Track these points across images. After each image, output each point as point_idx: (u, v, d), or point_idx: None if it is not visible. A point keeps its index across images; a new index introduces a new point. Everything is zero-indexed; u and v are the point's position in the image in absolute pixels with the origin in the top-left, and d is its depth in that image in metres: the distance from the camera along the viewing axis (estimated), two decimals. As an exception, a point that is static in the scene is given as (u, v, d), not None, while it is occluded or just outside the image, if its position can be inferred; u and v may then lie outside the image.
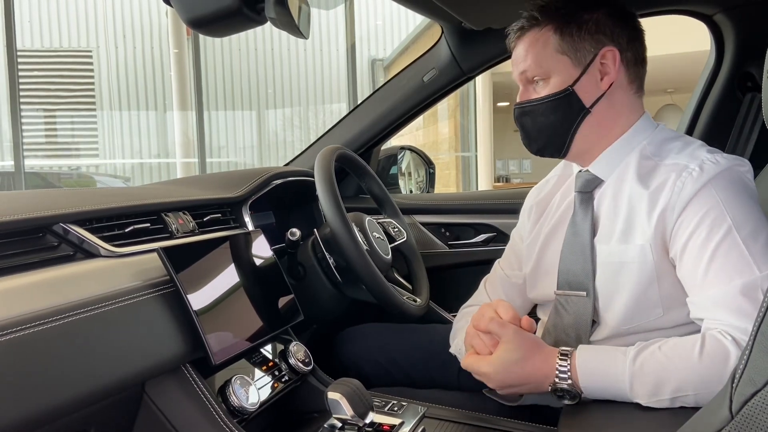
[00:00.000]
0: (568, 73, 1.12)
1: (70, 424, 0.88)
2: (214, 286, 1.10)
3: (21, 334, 0.78)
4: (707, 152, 1.06)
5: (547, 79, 1.13)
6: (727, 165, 1.02)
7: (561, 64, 1.12)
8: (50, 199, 1.03)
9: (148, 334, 0.96)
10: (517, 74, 1.17)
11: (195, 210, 1.30)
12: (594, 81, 1.12)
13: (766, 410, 0.48)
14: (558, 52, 1.12)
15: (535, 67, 1.13)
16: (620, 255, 1.08)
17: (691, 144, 1.10)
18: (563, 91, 1.12)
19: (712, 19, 1.69)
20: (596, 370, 0.98)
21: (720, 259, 0.97)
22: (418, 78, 1.85)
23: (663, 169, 1.07)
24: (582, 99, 1.12)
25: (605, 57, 1.12)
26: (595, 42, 1.11)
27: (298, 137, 10.75)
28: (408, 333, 1.52)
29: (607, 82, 1.12)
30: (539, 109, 1.14)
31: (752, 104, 1.69)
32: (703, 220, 0.99)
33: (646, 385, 0.94)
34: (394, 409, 1.17)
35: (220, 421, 0.99)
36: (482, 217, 1.90)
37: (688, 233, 1.00)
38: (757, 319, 0.51)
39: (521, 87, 1.18)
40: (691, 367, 0.92)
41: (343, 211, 1.32)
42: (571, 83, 1.12)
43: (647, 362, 0.95)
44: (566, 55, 1.12)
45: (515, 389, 1.05)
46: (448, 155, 10.92)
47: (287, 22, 0.80)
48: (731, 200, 0.99)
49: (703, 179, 1.01)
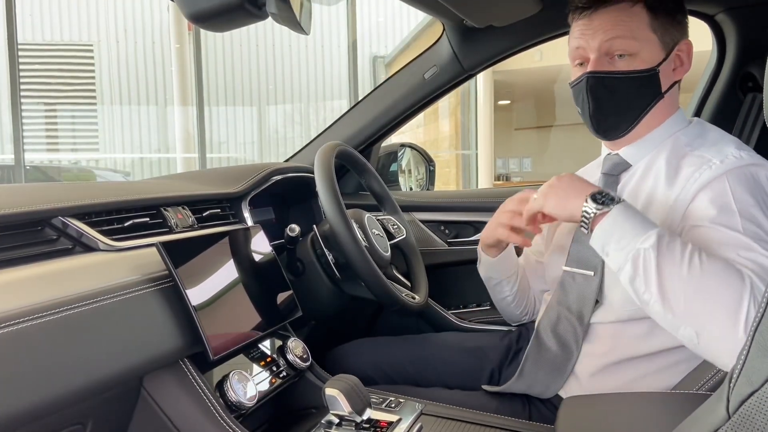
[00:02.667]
0: (656, 53, 1.11)
1: (68, 418, 0.88)
2: (213, 281, 1.10)
3: (19, 327, 0.78)
4: (736, 148, 1.06)
5: (633, 54, 1.11)
6: (750, 161, 1.03)
7: (651, 42, 1.11)
8: (50, 193, 1.03)
9: (147, 328, 0.96)
10: (597, 42, 1.12)
11: (194, 205, 1.30)
12: (670, 68, 1.14)
13: (763, 410, 0.48)
14: (651, 30, 1.11)
15: (627, 39, 1.10)
16: None
17: (723, 138, 1.11)
18: (650, 70, 1.11)
19: (713, 19, 1.69)
20: (632, 213, 0.98)
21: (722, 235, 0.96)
22: (419, 75, 1.85)
23: (689, 160, 1.08)
24: (662, 82, 1.13)
25: (681, 48, 1.14)
26: (678, 31, 1.13)
27: (298, 133, 10.74)
28: (403, 343, 1.51)
29: (680, 73, 1.15)
30: (621, 83, 1.12)
31: (753, 104, 1.69)
32: (712, 203, 1.00)
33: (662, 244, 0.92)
34: (392, 405, 1.17)
35: (217, 416, 0.99)
36: (482, 215, 1.90)
37: (696, 215, 1.01)
38: (755, 319, 0.51)
39: (594, 56, 1.13)
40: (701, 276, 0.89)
41: (342, 208, 1.32)
42: (657, 63, 1.11)
43: (672, 237, 0.94)
44: (656, 35, 1.11)
45: (559, 196, 1.05)
46: (449, 153, 10.91)
47: (288, 18, 0.80)
48: (742, 193, 0.99)
49: (720, 170, 1.02)
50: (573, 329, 1.18)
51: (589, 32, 1.13)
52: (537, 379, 1.21)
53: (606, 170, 1.20)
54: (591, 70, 1.13)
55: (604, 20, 1.12)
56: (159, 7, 9.57)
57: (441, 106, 10.64)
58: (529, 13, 1.53)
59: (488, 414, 1.20)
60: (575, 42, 1.17)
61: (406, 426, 1.10)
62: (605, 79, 1.13)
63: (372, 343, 1.54)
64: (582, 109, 1.18)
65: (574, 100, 1.20)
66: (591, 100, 1.15)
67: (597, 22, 1.13)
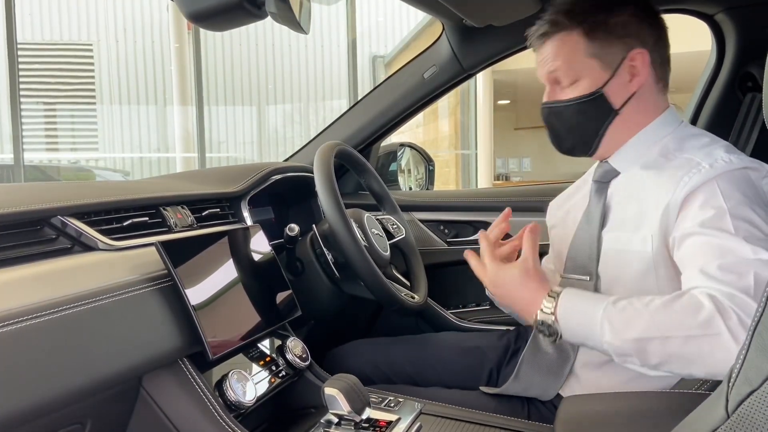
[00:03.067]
0: (598, 75, 1.13)
1: (67, 417, 0.88)
2: (212, 280, 1.10)
3: (18, 327, 0.78)
4: (725, 152, 1.06)
5: (576, 81, 1.15)
6: (740, 165, 1.03)
7: (590, 67, 1.13)
8: (49, 192, 1.03)
9: (146, 327, 0.96)
10: (544, 74, 1.19)
11: (194, 204, 1.30)
12: (623, 82, 1.14)
13: (762, 410, 0.48)
14: (587, 55, 1.13)
15: (565, 70, 1.15)
16: (625, 243, 1.09)
17: (713, 143, 1.11)
18: (592, 94, 1.14)
19: (713, 18, 1.69)
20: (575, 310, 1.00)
21: (711, 242, 0.96)
22: (419, 75, 1.85)
23: (677, 163, 1.07)
24: (611, 101, 1.14)
25: (634, 59, 1.13)
26: (623, 44, 1.13)
27: (298, 133, 10.73)
28: (401, 344, 1.51)
29: (636, 84, 1.14)
30: (568, 110, 1.16)
31: (752, 104, 1.69)
32: (702, 208, 0.99)
33: (615, 324, 0.94)
34: (391, 405, 1.17)
35: (216, 415, 0.99)
36: (481, 214, 1.90)
37: (687, 221, 1.01)
38: (754, 318, 0.51)
39: (548, 86, 1.19)
40: (662, 312, 0.92)
41: (342, 208, 1.32)
42: (600, 86, 1.13)
43: (622, 304, 0.96)
44: (595, 58, 1.13)
45: (505, 304, 1.13)
46: (448, 153, 10.90)
47: (288, 17, 0.80)
48: (733, 196, 0.99)
49: (710, 175, 1.01)
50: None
51: (539, 64, 1.20)
52: (533, 382, 1.21)
53: (597, 177, 1.21)
54: (543, 101, 1.21)
55: (547, 52, 1.17)
56: (158, 6, 9.57)
57: (440, 106, 10.63)
58: (528, 13, 1.53)
59: (487, 413, 1.20)
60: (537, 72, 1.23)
61: (405, 425, 1.10)
62: (554, 108, 1.18)
63: (371, 343, 1.54)
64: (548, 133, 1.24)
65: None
66: (548, 128, 1.22)
67: (542, 55, 1.19)
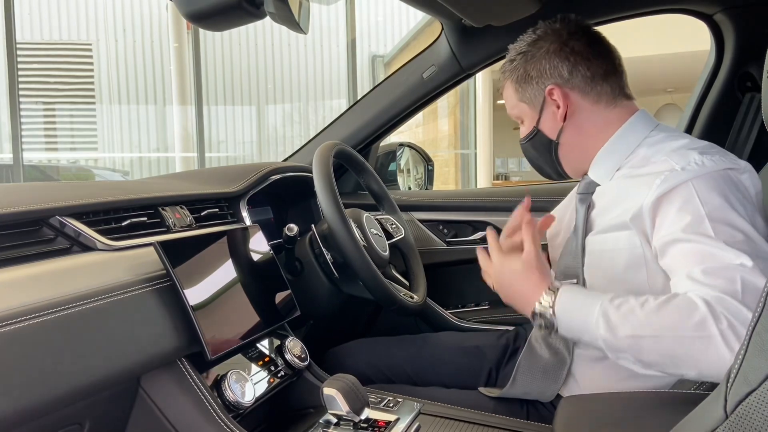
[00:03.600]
0: (531, 116, 1.25)
1: (65, 417, 0.88)
2: (211, 280, 1.10)
3: (16, 327, 0.78)
4: (699, 153, 1.05)
5: (522, 122, 1.29)
6: (713, 168, 1.02)
7: (524, 110, 1.27)
8: (47, 192, 1.03)
9: (144, 328, 0.96)
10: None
11: (192, 204, 1.29)
12: (553, 116, 1.22)
13: (761, 410, 0.48)
14: (519, 101, 1.26)
15: (514, 114, 1.30)
16: (611, 243, 1.11)
17: (689, 146, 1.10)
18: (532, 132, 1.26)
19: (712, 18, 1.69)
20: (573, 305, 1.02)
21: (694, 248, 0.97)
22: (418, 75, 1.85)
23: (652, 168, 1.08)
24: (548, 135, 1.24)
25: (552, 94, 1.20)
26: (538, 86, 1.22)
27: (297, 133, 10.73)
28: (401, 344, 1.51)
29: (561, 115, 1.20)
30: (527, 146, 1.30)
31: (751, 104, 1.69)
32: (680, 213, 1.00)
33: (611, 319, 0.96)
34: (390, 405, 1.17)
35: (215, 415, 0.99)
36: (481, 214, 1.90)
37: (665, 227, 1.02)
38: (753, 317, 0.51)
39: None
40: (657, 311, 0.93)
41: (341, 208, 1.32)
42: (535, 124, 1.25)
43: (618, 302, 0.97)
44: (524, 102, 1.25)
45: (508, 299, 1.13)
46: (448, 152, 10.91)
47: (287, 17, 0.80)
48: (711, 199, 0.99)
49: (683, 178, 1.02)
50: (564, 339, 1.18)
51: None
52: (531, 386, 1.22)
53: (581, 190, 1.24)
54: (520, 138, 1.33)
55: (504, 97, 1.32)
56: (158, 6, 9.57)
57: (440, 106, 10.64)
58: (527, 13, 1.53)
59: (486, 413, 1.20)
60: None
61: (404, 425, 1.10)
62: (521, 144, 1.32)
63: (370, 343, 1.54)
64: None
65: None
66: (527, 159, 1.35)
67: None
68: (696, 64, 2.08)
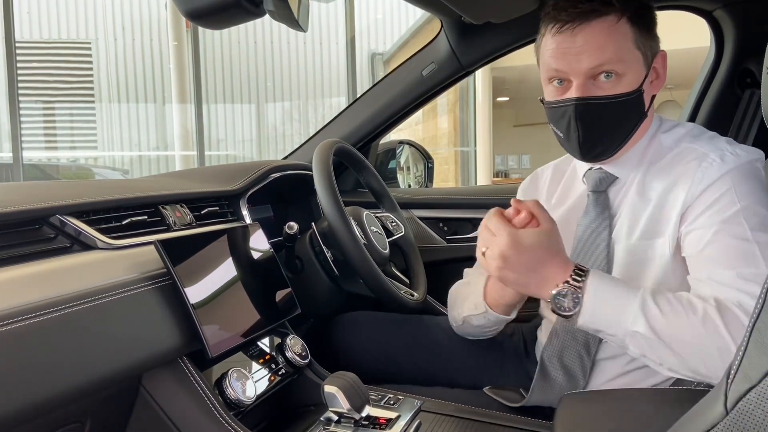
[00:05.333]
0: (640, 71, 1.04)
1: (67, 416, 0.88)
2: (212, 279, 1.10)
3: (17, 326, 0.78)
4: (726, 143, 1.05)
5: (620, 75, 1.02)
6: (747, 158, 1.02)
7: (636, 61, 1.03)
8: (48, 191, 1.03)
9: (145, 326, 0.96)
10: (584, 66, 1.02)
11: (193, 203, 1.29)
12: (649, 83, 1.07)
13: (761, 406, 0.48)
14: (635, 47, 1.02)
15: (616, 61, 1.01)
16: (643, 252, 1.06)
17: (706, 133, 1.10)
18: (635, 91, 1.03)
19: (712, 15, 1.69)
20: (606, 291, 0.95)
21: (724, 241, 0.96)
22: (417, 72, 1.85)
23: (683, 156, 1.06)
24: (645, 101, 1.06)
25: (658, 61, 1.08)
26: (656, 43, 1.07)
27: (297, 131, 10.74)
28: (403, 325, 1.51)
29: (657, 86, 1.09)
30: (609, 108, 1.03)
31: (751, 100, 1.69)
32: (714, 203, 0.99)
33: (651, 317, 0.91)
34: (391, 402, 1.17)
35: (216, 413, 0.99)
36: (480, 212, 1.89)
37: (697, 213, 1.00)
38: (753, 313, 0.51)
39: (580, 80, 1.04)
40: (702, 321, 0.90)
41: (341, 205, 1.32)
42: (641, 83, 1.04)
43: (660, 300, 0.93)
44: (640, 51, 1.03)
45: (518, 275, 0.97)
46: (447, 150, 10.91)
47: (286, 15, 0.79)
48: (745, 190, 0.99)
49: (723, 169, 1.00)
50: (580, 359, 1.13)
51: (573, 53, 1.03)
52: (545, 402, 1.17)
53: (593, 187, 1.14)
54: (579, 96, 1.04)
55: (590, 39, 1.01)
56: (157, 4, 9.56)
57: (439, 103, 10.63)
58: (527, 10, 1.53)
59: (487, 411, 1.20)
60: (554, 62, 1.05)
61: (405, 423, 1.10)
62: (595, 105, 1.03)
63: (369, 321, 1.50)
64: (566, 135, 1.09)
65: (554, 122, 1.11)
66: (580, 127, 1.06)
67: (581, 42, 1.02)
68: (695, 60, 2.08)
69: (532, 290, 1.00)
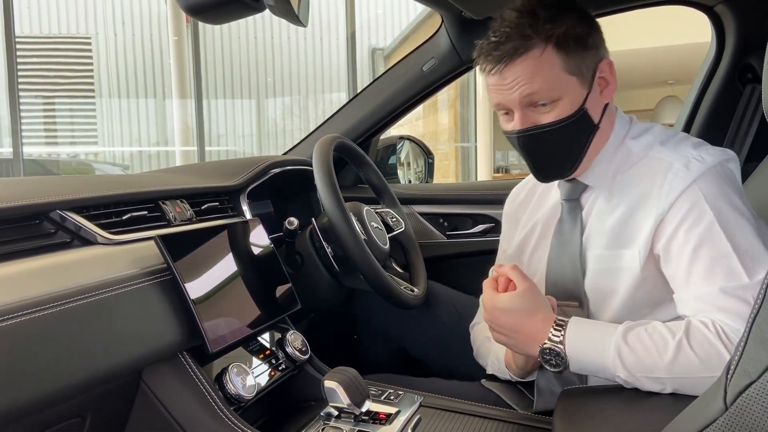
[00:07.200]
0: (579, 91, 1.05)
1: (67, 411, 0.89)
2: (212, 274, 1.10)
3: (17, 321, 0.78)
4: (692, 148, 1.04)
5: (556, 101, 1.04)
6: (712, 162, 1.01)
7: (570, 84, 1.04)
8: (48, 186, 1.03)
9: (145, 321, 0.96)
10: (516, 98, 1.05)
11: (193, 198, 1.29)
12: (596, 95, 1.08)
13: (761, 401, 0.48)
14: (566, 72, 1.03)
15: (547, 91, 1.03)
16: (612, 261, 1.07)
17: (673, 137, 1.09)
18: (577, 113, 1.05)
19: (713, 10, 1.69)
20: (584, 343, 0.99)
21: (703, 257, 0.96)
22: (418, 67, 1.85)
23: (649, 166, 1.06)
24: (592, 116, 1.07)
25: (603, 70, 1.08)
26: (593, 55, 1.07)
27: (297, 126, 10.72)
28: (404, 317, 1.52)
29: (609, 94, 1.09)
30: (552, 134, 1.05)
31: (752, 96, 1.69)
32: (686, 217, 0.99)
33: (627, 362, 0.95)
34: (391, 397, 1.18)
35: (216, 408, 1.00)
36: (481, 207, 1.90)
37: (671, 230, 1.00)
38: (753, 310, 0.51)
39: (519, 112, 1.06)
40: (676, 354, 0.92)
41: (341, 201, 1.32)
42: (581, 103, 1.05)
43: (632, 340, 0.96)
44: (574, 75, 1.04)
45: (505, 337, 1.06)
46: (448, 145, 10.89)
47: (286, 10, 0.79)
48: (714, 196, 0.99)
49: (689, 179, 1.00)
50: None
51: (505, 89, 1.05)
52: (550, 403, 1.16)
53: (565, 196, 1.16)
54: (519, 129, 1.07)
55: (517, 75, 1.03)
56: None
57: (440, 99, 10.62)
58: (527, 5, 1.52)
59: (487, 406, 1.20)
60: (493, 97, 1.09)
61: (405, 418, 1.10)
62: (536, 135, 1.06)
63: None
64: (524, 160, 1.13)
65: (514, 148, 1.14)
66: (527, 155, 1.10)
67: (510, 78, 1.04)
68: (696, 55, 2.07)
69: (521, 349, 1.06)
